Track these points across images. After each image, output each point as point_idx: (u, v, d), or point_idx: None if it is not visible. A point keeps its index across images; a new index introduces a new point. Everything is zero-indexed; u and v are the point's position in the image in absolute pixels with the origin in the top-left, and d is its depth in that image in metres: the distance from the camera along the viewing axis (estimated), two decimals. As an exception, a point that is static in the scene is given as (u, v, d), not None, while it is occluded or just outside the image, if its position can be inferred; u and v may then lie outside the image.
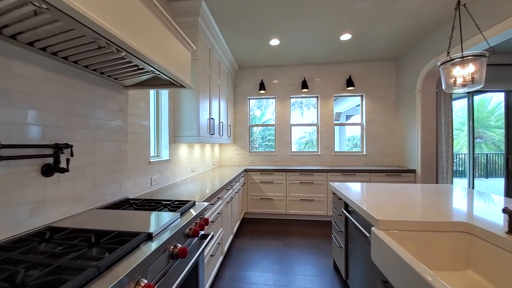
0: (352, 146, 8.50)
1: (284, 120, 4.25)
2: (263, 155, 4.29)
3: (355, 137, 9.29)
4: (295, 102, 4.74)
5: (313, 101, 4.54)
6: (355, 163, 4.08)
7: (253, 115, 4.77)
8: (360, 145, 4.20)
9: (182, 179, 2.52)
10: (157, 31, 1.13)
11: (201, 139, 2.41)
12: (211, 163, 3.75)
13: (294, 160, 4.19)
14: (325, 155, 4.12)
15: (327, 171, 3.50)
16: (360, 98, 4.23)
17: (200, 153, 3.21)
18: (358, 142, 5.24)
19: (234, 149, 4.36)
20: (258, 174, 3.65)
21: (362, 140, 4.16)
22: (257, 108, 5.43)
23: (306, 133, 12.67)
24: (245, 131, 4.35)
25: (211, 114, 2.77)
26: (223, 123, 3.37)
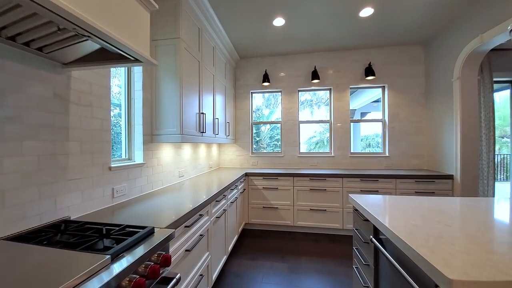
0: (365, 146, 7.81)
1: (292, 116, 3.73)
2: (267, 156, 3.79)
3: (369, 137, 8.65)
4: (304, 101, 4.22)
5: (324, 97, 4.00)
6: (375, 166, 3.50)
7: (260, 113, 4.29)
8: (382, 145, 3.61)
9: (163, 187, 2.08)
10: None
11: (186, 138, 1.96)
12: (207, 166, 3.30)
13: (303, 162, 3.67)
14: (340, 157, 3.57)
15: (343, 176, 2.96)
16: (381, 89, 3.64)
17: (192, 155, 2.77)
18: (374, 142, 4.64)
19: (235, 149, 3.90)
20: (261, 179, 3.16)
21: (384, 139, 3.57)
22: (265, 107, 4.91)
23: (317, 132, 11.79)
24: (247, 129, 3.87)
25: (202, 108, 2.31)
26: (219, 119, 2.91)
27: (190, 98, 2.08)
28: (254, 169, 3.51)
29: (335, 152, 3.59)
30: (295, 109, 3.72)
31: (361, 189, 2.91)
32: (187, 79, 2.00)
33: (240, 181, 2.87)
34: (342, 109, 3.58)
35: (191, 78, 2.10)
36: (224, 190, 2.09)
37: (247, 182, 3.19)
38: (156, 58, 1.91)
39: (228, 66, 3.43)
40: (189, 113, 2.04)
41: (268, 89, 3.80)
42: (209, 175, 2.94)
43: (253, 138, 3.94)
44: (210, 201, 1.73)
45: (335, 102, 3.61)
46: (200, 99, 2.27)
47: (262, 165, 3.80)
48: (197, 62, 2.23)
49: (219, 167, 3.82)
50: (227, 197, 2.26)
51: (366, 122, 4.74)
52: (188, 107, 2.01)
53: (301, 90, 3.78)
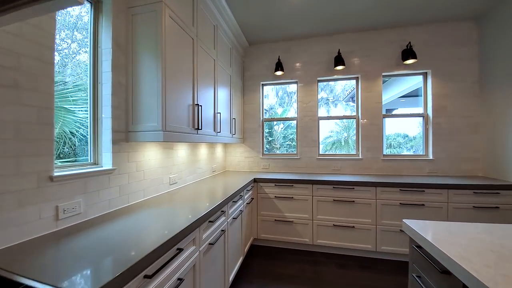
0: (386, 147, 6.94)
1: (309, 112, 3.18)
2: (280, 158, 3.27)
3: (389, 136, 7.70)
4: (320, 99, 3.63)
5: (342, 94, 3.41)
6: (416, 172, 2.85)
7: (274, 112, 3.77)
8: (423, 146, 2.94)
9: (145, 199, 1.64)
10: None
11: (172, 136, 1.50)
12: (209, 170, 2.85)
13: (323, 166, 3.10)
14: (369, 160, 2.96)
15: (376, 185, 2.36)
16: (422, 77, 2.98)
17: (189, 157, 2.32)
18: (395, 143, 3.94)
19: (243, 150, 3.42)
20: (272, 186, 2.65)
21: (426, 139, 2.91)
22: (278, 105, 4.35)
23: (333, 132, 10.96)
24: (257, 127, 3.37)
25: (197, 98, 1.85)
26: (221, 114, 2.44)
27: (180, 85, 1.62)
28: (265, 174, 3.00)
29: (363, 154, 2.98)
30: (313, 103, 3.17)
31: (401, 202, 2.30)
32: (174, 59, 1.54)
33: (247, 189, 2.38)
34: (372, 101, 2.97)
35: (181, 58, 1.65)
36: (223, 204, 1.61)
37: (255, 190, 2.69)
38: (133, 31, 1.48)
39: (234, 53, 2.96)
40: (177, 104, 1.58)
41: (281, 79, 3.27)
42: (211, 181, 2.48)
43: (264, 137, 3.44)
44: (200, 222, 1.26)
45: (363, 93, 3.00)
46: (194, 87, 1.81)
47: (274, 169, 3.28)
48: (189, 39, 1.77)
49: (225, 171, 3.36)
50: (227, 212, 1.77)
51: (403, 117, 3.75)
52: (176, 96, 1.56)
53: (322, 80, 3.21)
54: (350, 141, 10.39)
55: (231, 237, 1.86)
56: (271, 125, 4.66)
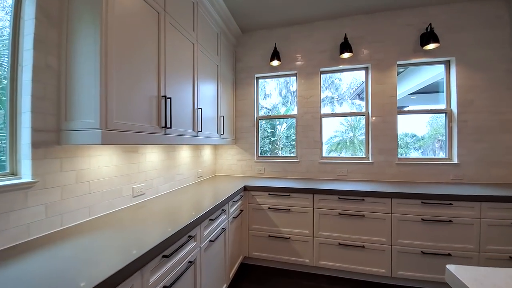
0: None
1: (311, 108, 2.78)
2: (277, 162, 2.88)
3: (406, 135, 7.35)
4: (325, 98, 3.23)
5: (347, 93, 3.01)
6: (438, 178, 2.43)
7: (277, 111, 3.38)
8: (447, 148, 2.52)
9: (91, 218, 1.28)
10: None
11: (118, 136, 1.13)
12: (194, 176, 2.48)
13: (327, 171, 2.70)
14: (382, 164, 2.55)
15: (392, 196, 1.96)
16: (444, 66, 2.56)
17: (163, 162, 1.96)
18: (402, 143, 3.55)
19: (235, 152, 3.05)
20: (266, 196, 2.26)
21: (450, 139, 2.49)
22: (282, 104, 3.94)
23: (338, 131, 10.44)
24: (251, 126, 3.00)
25: (164, 89, 1.49)
26: (204, 110, 2.07)
27: (136, 70, 1.25)
28: (259, 180, 2.62)
29: (374, 157, 2.57)
30: (315, 97, 2.77)
31: (423, 217, 1.90)
32: (126, 35, 1.18)
33: (233, 201, 2.01)
34: (384, 95, 2.56)
35: (139, 36, 1.28)
36: (192, 225, 1.24)
37: (246, 200, 2.32)
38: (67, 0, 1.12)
39: (223, 40, 2.59)
40: (132, 94, 1.22)
41: (278, 71, 2.89)
42: (193, 189, 2.12)
43: (258, 138, 3.06)
44: (151, 256, 0.89)
45: (374, 86, 2.59)
46: (161, 75, 1.45)
47: (270, 174, 2.90)
48: (153, 12, 1.40)
49: (215, 176, 2.99)
50: (200, 235, 1.40)
51: (421, 114, 3.13)
52: (129, 84, 1.20)
53: (325, 71, 2.81)
54: (356, 141, 9.81)
55: (207, 267, 1.49)
56: (274, 124, 4.30)
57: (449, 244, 1.87)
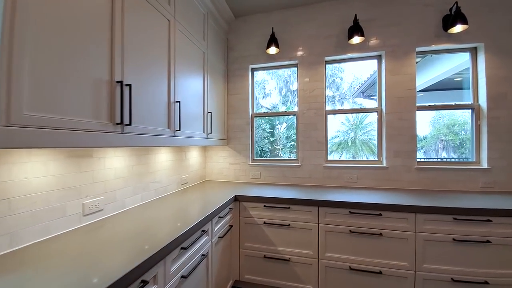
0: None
1: (314, 103, 2.42)
2: (275, 166, 2.52)
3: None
4: (326, 97, 2.86)
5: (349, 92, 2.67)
6: (465, 186, 2.07)
7: (277, 111, 3.00)
8: (474, 150, 2.16)
9: (14, 249, 0.92)
10: None
11: (27, 138, 0.76)
12: (176, 183, 2.12)
13: (332, 176, 2.34)
14: (398, 169, 2.19)
15: (416, 210, 1.59)
16: (469, 55, 2.21)
17: (133, 168, 1.60)
18: (426, 142, 3.23)
19: (227, 154, 2.68)
20: (261, 208, 1.90)
21: (478, 140, 2.13)
22: (282, 104, 3.58)
23: (339, 131, 9.93)
24: (245, 124, 2.63)
25: (122, 73, 1.12)
26: (184, 104, 1.71)
27: (73, 37, 0.89)
28: (254, 188, 2.26)
29: (389, 160, 2.21)
30: (319, 91, 2.41)
31: (455, 237, 1.54)
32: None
33: (218, 217, 1.65)
34: (401, 88, 2.20)
35: (79, -5, 0.92)
36: (155, 259, 0.88)
37: (237, 212, 1.95)
38: None
39: (211, 23, 2.23)
40: (63, 74, 0.85)
41: (276, 60, 2.52)
42: (173, 200, 1.75)
43: (254, 138, 2.70)
44: None
45: (389, 77, 2.23)
46: (114, 51, 1.08)
47: (267, 179, 2.54)
48: (106, -31, 1.04)
49: (204, 181, 2.63)
50: (165, 274, 1.04)
51: (444, 110, 2.61)
52: (58, 58, 0.83)
53: (331, 60, 2.45)
54: (357, 141, 9.33)
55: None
56: (273, 124, 3.96)
57: (488, 269, 1.51)
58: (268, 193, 2.00)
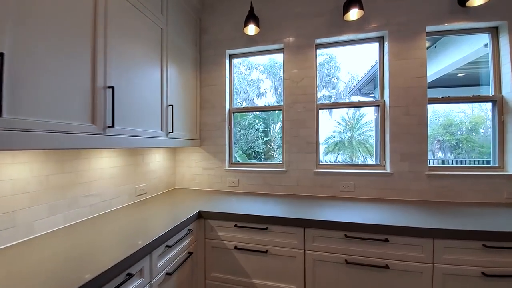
0: None
1: (302, 95, 2.02)
2: (257, 171, 2.11)
3: None
4: (322, 97, 2.49)
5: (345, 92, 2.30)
6: (486, 197, 1.68)
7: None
8: (496, 152, 1.79)
9: None
10: None
11: None
12: (128, 195, 1.69)
13: (325, 184, 1.94)
14: (405, 176, 1.80)
15: (434, 234, 1.20)
16: (489, 36, 1.84)
17: (52, 177, 1.17)
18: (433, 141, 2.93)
19: (200, 157, 2.26)
20: (231, 228, 1.48)
21: (501, 139, 1.76)
22: (278, 103, 3.16)
23: (335, 131, 9.63)
24: (221, 121, 2.22)
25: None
26: (117, 90, 1.28)
27: None
28: (228, 198, 1.85)
29: (394, 165, 1.82)
30: (309, 80, 2.01)
31: (485, 271, 1.15)
32: None
33: (166, 246, 1.23)
34: (408, 76, 1.82)
35: None
36: None
37: (202, 233, 1.53)
38: None
39: None
40: None
41: (258, 44, 2.12)
42: (113, 219, 1.33)
43: (232, 137, 2.28)
44: None
45: (394, 63, 1.84)
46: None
47: (246, 187, 2.13)
48: None
49: (173, 190, 2.21)
50: None
51: (460, 103, 2.11)
52: None
53: (322, 44, 2.06)
54: (354, 141, 8.88)
55: None
56: (267, 123, 3.63)
57: (530, 315, 1.13)
58: (244, 207, 1.60)
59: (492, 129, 1.81)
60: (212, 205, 1.66)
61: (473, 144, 6.58)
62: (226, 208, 1.58)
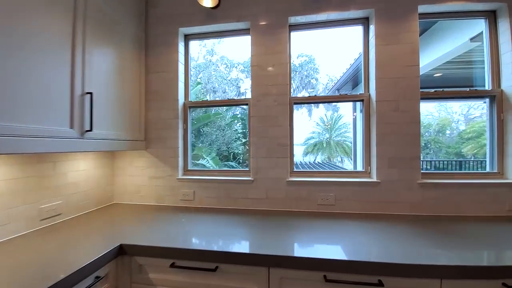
0: None
1: (274, 86, 1.64)
2: (217, 181, 1.70)
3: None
4: None
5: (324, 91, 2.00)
6: (486, 209, 1.42)
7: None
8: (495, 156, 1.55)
9: None
10: None
11: None
12: (29, 218, 1.18)
13: (300, 196, 1.58)
14: (395, 185, 1.49)
15: (442, 274, 0.88)
16: (485, 22, 1.60)
17: None
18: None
19: (145, 164, 1.80)
20: (167, 269, 1.06)
21: (500, 141, 1.52)
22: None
23: (315, 132, 9.52)
24: (173, 118, 1.77)
25: None
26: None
27: None
28: (178, 218, 1.42)
29: (381, 172, 1.51)
30: (282, 67, 1.64)
31: (512, 323, 0.85)
32: None
33: None
34: (398, 64, 1.51)
35: None
36: None
37: (125, 275, 1.09)
38: None
39: None
40: None
41: (218, 21, 1.70)
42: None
43: (188, 138, 1.85)
44: None
45: (381, 48, 1.53)
46: None
47: (204, 201, 1.70)
48: None
49: (111, 205, 1.72)
50: None
51: (457, 101, 1.96)
52: None
53: (298, 24, 1.70)
54: (332, 142, 8.76)
55: None
56: (246, 123, 3.24)
57: None
58: (194, 232, 1.19)
59: (489, 128, 1.58)
60: (151, 230, 1.23)
61: (440, 144, 6.71)
62: (165, 235, 1.15)
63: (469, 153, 9.15)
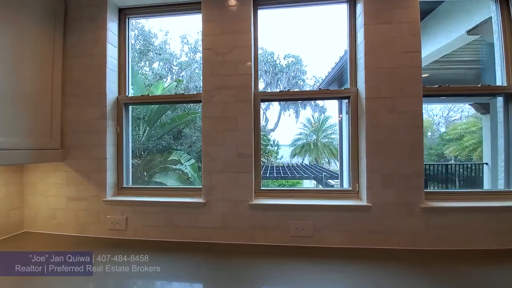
0: None
1: (233, 77, 1.24)
2: (158, 205, 1.27)
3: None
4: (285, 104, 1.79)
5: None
6: (503, 240, 1.11)
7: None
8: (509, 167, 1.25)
9: None
10: None
11: None
12: None
13: (268, 226, 1.19)
14: (391, 210, 1.13)
15: None
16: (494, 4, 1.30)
17: None
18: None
19: (63, 180, 1.33)
20: None
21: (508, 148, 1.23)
22: None
23: (302, 134, 9.28)
24: (100, 117, 1.32)
25: None
26: None
27: None
28: (107, 248, 0.98)
29: (373, 192, 1.14)
30: (243, 52, 1.24)
31: None
32: None
33: None
34: (394, 49, 1.16)
35: None
36: None
37: None
38: None
39: None
40: None
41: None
42: None
43: (123, 145, 1.41)
44: None
45: (372, 28, 1.18)
46: None
47: (140, 233, 1.27)
48: None
49: (18, 235, 1.26)
50: None
51: (462, 95, 1.82)
52: None
53: (264, 1, 1.32)
54: (319, 144, 8.49)
55: None
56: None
57: None
58: None
59: (503, 133, 1.27)
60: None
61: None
62: None
63: (451, 155, 9.26)
